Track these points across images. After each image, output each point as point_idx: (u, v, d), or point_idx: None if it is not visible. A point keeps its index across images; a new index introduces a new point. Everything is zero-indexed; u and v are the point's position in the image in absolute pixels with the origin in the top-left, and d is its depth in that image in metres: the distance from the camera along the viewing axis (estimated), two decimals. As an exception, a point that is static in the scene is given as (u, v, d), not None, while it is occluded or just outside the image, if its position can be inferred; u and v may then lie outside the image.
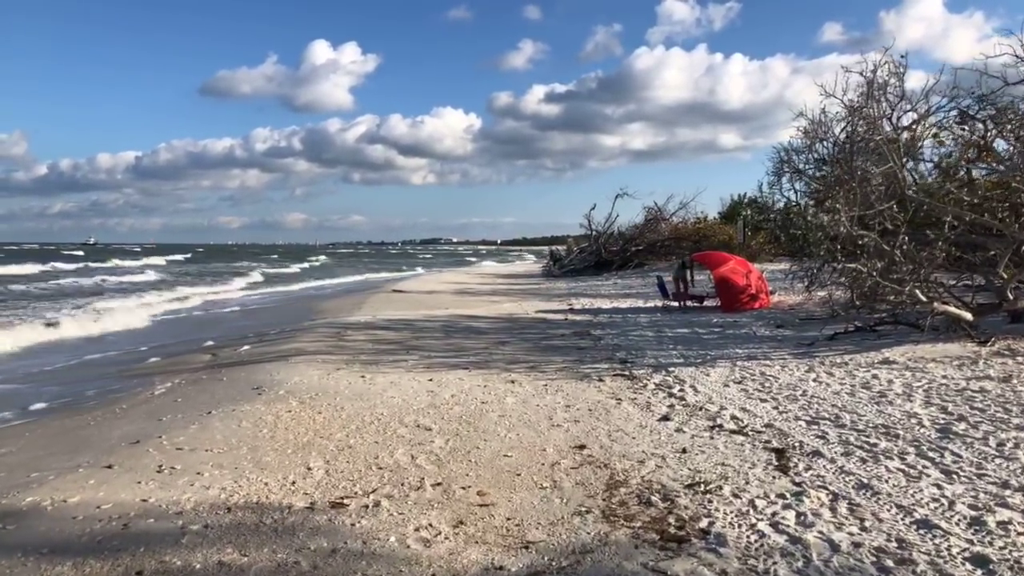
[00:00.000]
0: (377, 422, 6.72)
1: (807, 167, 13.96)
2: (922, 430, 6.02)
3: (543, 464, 5.48)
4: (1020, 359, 8.71)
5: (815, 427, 6.28)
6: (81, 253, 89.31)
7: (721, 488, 4.81)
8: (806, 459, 5.39)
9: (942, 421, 6.24)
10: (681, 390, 8.05)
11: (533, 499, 4.73)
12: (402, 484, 4.99)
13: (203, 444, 5.94)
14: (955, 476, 4.86)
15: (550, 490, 4.90)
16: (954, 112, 14.05)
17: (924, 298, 9.38)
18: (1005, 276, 9.89)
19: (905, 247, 9.19)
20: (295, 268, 59.59)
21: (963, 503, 4.39)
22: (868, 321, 11.37)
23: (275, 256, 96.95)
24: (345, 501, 4.62)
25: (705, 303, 17.64)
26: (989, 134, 13.71)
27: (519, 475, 5.22)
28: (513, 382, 8.67)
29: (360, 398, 7.73)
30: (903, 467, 5.09)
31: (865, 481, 4.83)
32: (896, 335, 10.82)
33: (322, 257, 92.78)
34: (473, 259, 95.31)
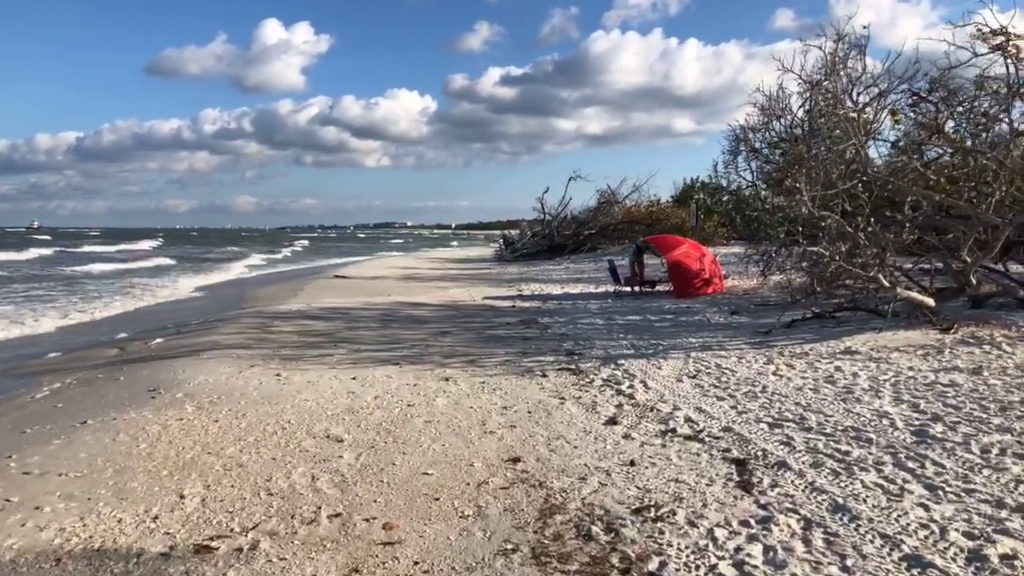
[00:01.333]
0: (281, 432, 5.80)
1: (763, 146, 13.36)
2: (896, 433, 5.37)
3: (468, 484, 4.65)
4: (986, 347, 8.20)
5: (779, 431, 5.59)
6: (48, 238, 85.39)
7: (675, 513, 4.05)
8: (771, 472, 4.67)
9: (916, 422, 5.60)
10: (631, 386, 7.31)
11: (451, 533, 3.91)
12: (292, 516, 4.11)
13: (60, 466, 4.95)
14: (942, 493, 4.19)
15: (473, 520, 4.08)
16: (907, 94, 13.66)
17: (887, 283, 8.81)
18: (968, 260, 9.39)
19: (870, 229, 8.60)
20: (286, 252, 58.56)
21: (957, 530, 3.71)
22: (827, 307, 10.82)
23: (250, 241, 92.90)
24: (213, 544, 3.72)
25: (658, 288, 17.04)
26: (941, 116, 13.34)
27: (438, 499, 4.39)
28: (447, 380, 7.82)
29: (268, 401, 6.80)
30: (881, 481, 4.40)
31: (840, 501, 4.12)
32: (856, 322, 10.28)
33: (304, 242, 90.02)
34: (428, 243, 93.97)
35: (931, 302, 9.50)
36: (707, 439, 5.45)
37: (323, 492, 4.49)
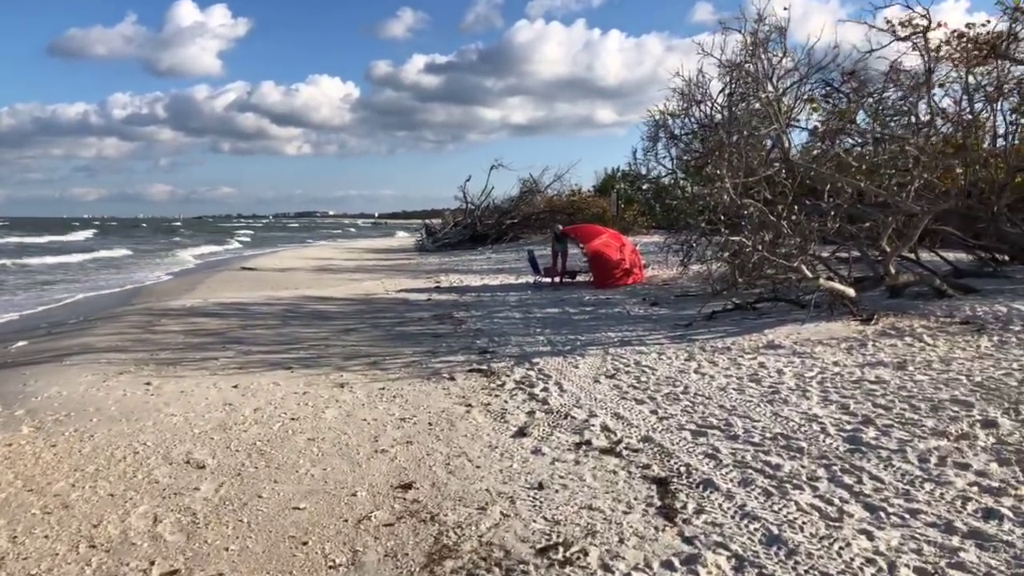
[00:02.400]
0: (131, 458, 4.91)
1: (683, 134, 13.01)
2: (828, 440, 4.92)
3: (347, 520, 3.91)
4: (908, 339, 7.97)
5: (703, 440, 5.06)
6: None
7: (586, 553, 3.43)
8: (696, 494, 4.11)
9: (848, 427, 5.17)
10: (545, 389, 6.69)
11: (314, 590, 3.17)
12: (114, 577, 3.28)
13: None
14: (884, 515, 3.71)
15: (345, 570, 3.35)
16: (821, 84, 13.62)
17: (811, 274, 8.49)
18: (888, 249, 9.18)
19: (793, 218, 8.25)
20: (235, 244, 54.85)
21: (907, 564, 3.22)
22: (748, 298, 10.51)
23: (190, 231, 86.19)
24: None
25: (578, 279, 16.56)
26: (852, 106, 13.32)
27: (306, 544, 3.63)
28: (343, 386, 7.02)
29: (127, 418, 5.85)
30: (818, 503, 3.89)
31: (775, 531, 3.58)
32: (777, 313, 10.00)
33: (248, 231, 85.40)
34: (353, 232, 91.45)
35: (852, 292, 9.27)
36: (625, 452, 4.87)
37: (163, 540, 3.67)
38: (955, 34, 12.75)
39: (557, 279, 16.37)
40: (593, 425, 5.49)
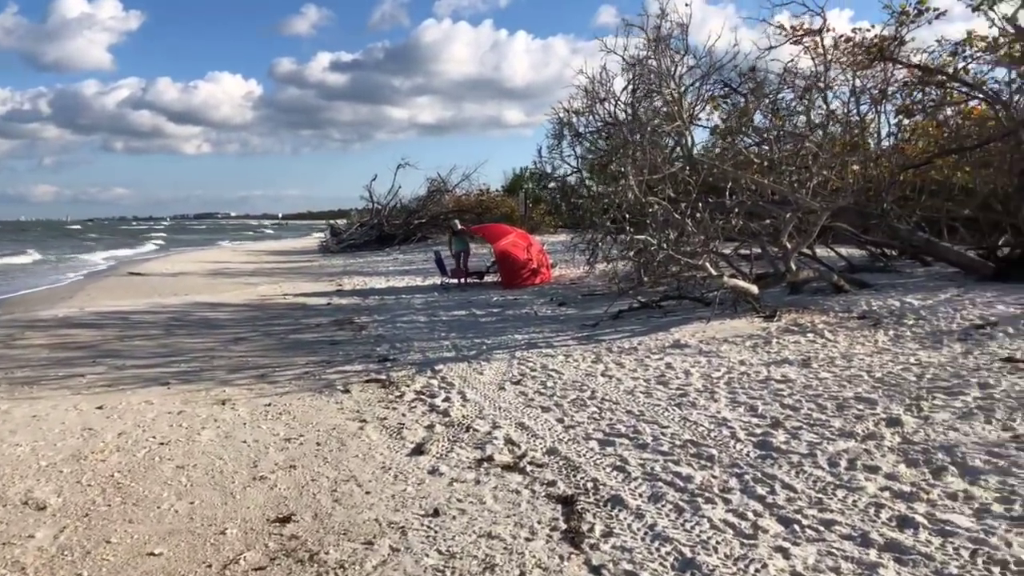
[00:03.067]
0: (-45, 501, 4.19)
1: (587, 131, 12.89)
2: (738, 446, 4.73)
3: (211, 566, 3.40)
4: (810, 335, 8.01)
5: (611, 450, 4.79)
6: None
7: (483, 592, 3.05)
8: (604, 513, 3.80)
9: (758, 430, 5.01)
10: (447, 399, 6.29)
11: (160, 661, 2.66)
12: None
13: None
14: (799, 528, 3.50)
15: (201, 630, 2.85)
16: (720, 85, 13.85)
17: (715, 272, 8.43)
18: (788, 246, 9.26)
19: (698, 215, 8.16)
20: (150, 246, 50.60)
21: (824, 585, 3.00)
22: (653, 297, 10.44)
23: (97, 234, 77.53)
24: None
25: (486, 279, 16.24)
26: (750, 106, 13.58)
27: (157, 599, 3.10)
28: (225, 403, 6.40)
29: (-40, 451, 5.07)
30: (731, 518, 3.66)
31: (688, 553, 3.31)
32: (682, 311, 9.95)
33: (162, 233, 79.56)
34: (266, 233, 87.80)
35: (755, 290, 9.30)
36: (529, 468, 4.53)
37: (-23, 606, 3.06)
38: (843, 38, 13.19)
39: (464, 280, 15.99)
40: (496, 438, 5.13)
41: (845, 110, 12.48)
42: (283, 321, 11.68)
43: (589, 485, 4.20)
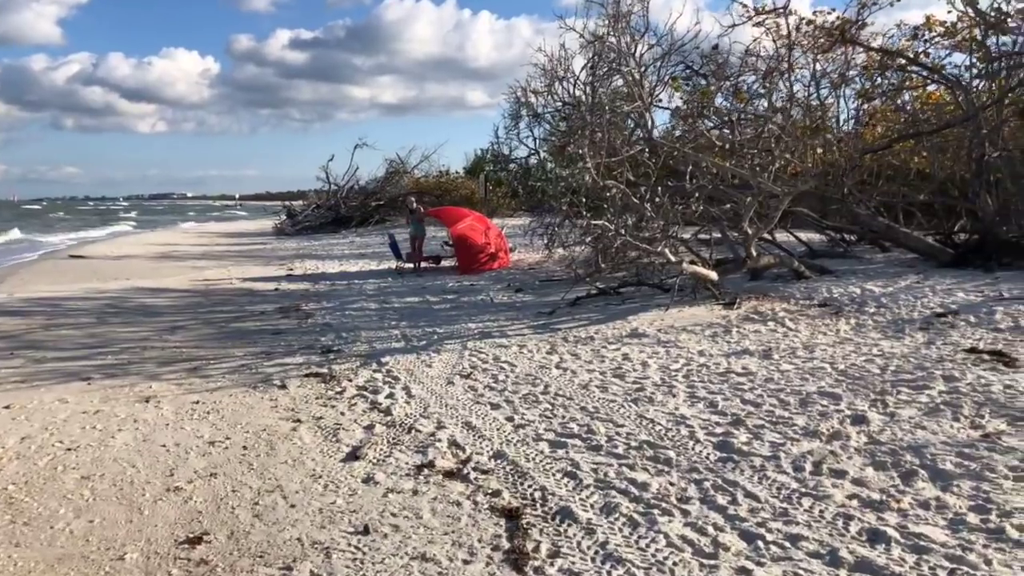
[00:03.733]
0: None
1: (546, 112, 12.48)
2: (698, 448, 4.43)
3: (99, 600, 2.96)
4: (771, 324, 7.79)
5: (562, 452, 4.45)
6: None
7: (411, 630, 2.68)
8: (552, 529, 3.46)
9: (718, 429, 4.72)
10: (390, 395, 5.89)
11: None
12: None
13: None
14: (763, 545, 3.20)
15: None
16: (682, 68, 13.59)
17: (674, 258, 8.14)
18: (749, 231, 9.01)
19: (657, 200, 7.84)
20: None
21: (791, 614, 2.69)
22: (611, 283, 10.14)
23: (62, 214, 73.06)
24: None
25: (443, 264, 15.80)
26: (712, 88, 13.33)
27: (30, 645, 2.66)
28: (149, 400, 5.91)
29: None
30: (690, 534, 3.34)
31: (642, 578, 2.98)
32: (641, 298, 9.67)
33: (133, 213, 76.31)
34: (212, 214, 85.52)
35: (715, 276, 9.05)
36: (473, 475, 4.17)
37: None
38: (805, 21, 12.99)
39: (419, 264, 15.54)
40: (440, 440, 4.75)
41: (806, 94, 12.30)
42: (226, 308, 11.11)
43: (537, 495, 3.85)
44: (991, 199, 10.82)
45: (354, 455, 4.54)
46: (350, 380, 6.42)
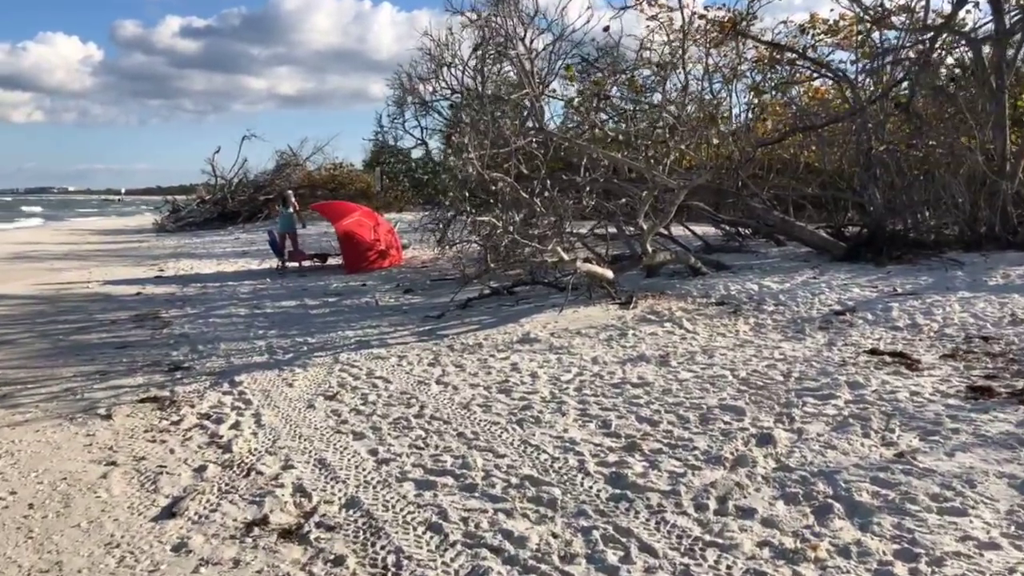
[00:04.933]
0: None
1: (434, 98, 11.70)
2: (587, 483, 3.81)
3: None
4: (668, 325, 7.34)
5: (430, 495, 3.72)
6: None
7: None
8: (401, 612, 2.73)
9: (611, 458, 4.12)
10: (236, 425, 5.01)
11: None
12: None
13: None
14: (660, 622, 2.59)
15: None
16: (577, 60, 13.16)
17: (567, 256, 7.56)
18: (645, 227, 8.55)
19: (548, 194, 7.23)
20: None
21: None
22: (505, 282, 9.51)
23: None
24: None
25: (329, 262, 14.77)
26: (607, 81, 12.97)
27: None
28: (-74, 441, 4.78)
29: None
30: (572, 610, 2.69)
31: None
32: (536, 298, 9.08)
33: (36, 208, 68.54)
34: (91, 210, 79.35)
35: (611, 274, 8.55)
36: (315, 533, 3.38)
37: None
38: (696, 15, 12.78)
39: (302, 263, 14.46)
40: (283, 485, 3.93)
41: (700, 87, 12.08)
42: (72, 317, 9.78)
43: (390, 560, 3.11)
44: (878, 192, 10.86)
45: (171, 511, 3.66)
46: (192, 406, 5.47)
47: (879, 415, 4.56)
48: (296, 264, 14.46)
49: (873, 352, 5.99)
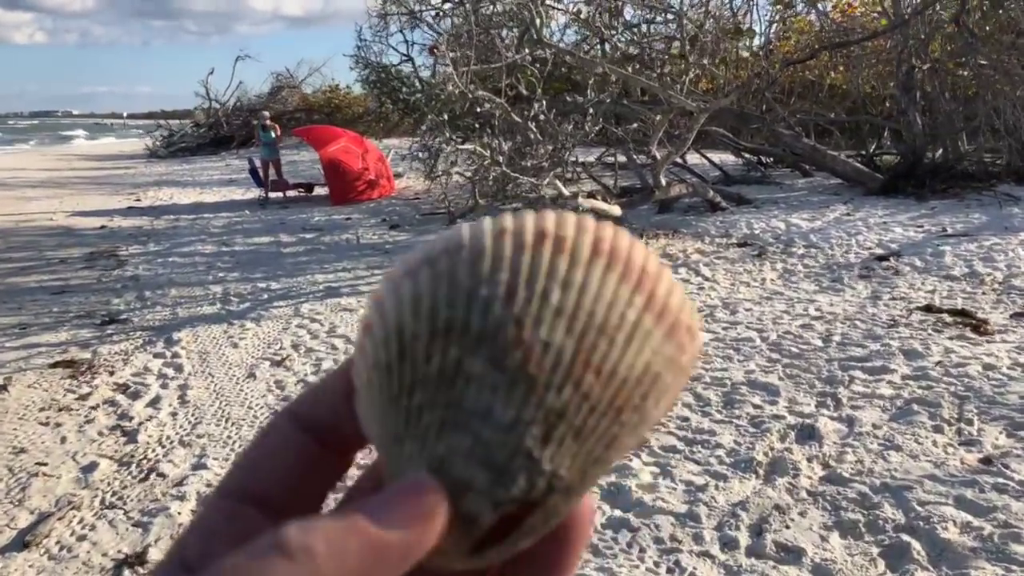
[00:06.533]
0: None
1: (423, 9, 10.40)
2: (577, 500, 2.89)
3: None
4: (683, 272, 6.38)
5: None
6: None
7: None
8: None
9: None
10: (155, 400, 4.12)
11: None
12: None
13: None
14: None
15: None
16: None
17: (567, 191, 6.51)
18: (658, 156, 7.45)
19: (543, 118, 6.13)
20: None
21: None
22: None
23: None
24: None
25: (316, 192, 13.71)
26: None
27: None
28: None
29: None
30: None
31: None
32: (533, 237, 8.07)
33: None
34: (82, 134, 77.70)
35: (618, 211, 7.50)
36: None
37: None
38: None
39: (286, 193, 13.43)
40: (184, 497, 3.05)
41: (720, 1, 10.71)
42: (19, 255, 8.86)
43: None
44: (919, 117, 9.64)
45: (25, 539, 2.78)
46: (111, 373, 4.58)
47: (949, 398, 3.63)
48: (280, 194, 13.42)
49: (928, 309, 5.01)
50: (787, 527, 2.66)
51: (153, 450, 3.50)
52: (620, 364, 0.26)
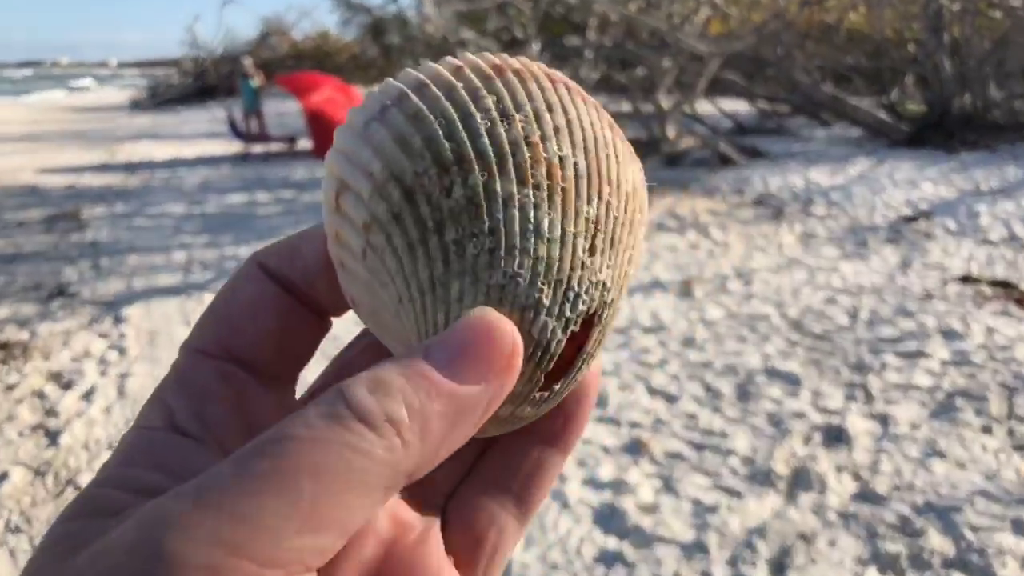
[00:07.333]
0: None
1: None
2: (563, 527, 2.41)
3: None
4: (692, 235, 5.82)
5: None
6: None
7: None
8: None
9: (603, 474, 2.71)
10: (90, 391, 3.61)
11: None
12: None
13: None
14: None
15: None
16: None
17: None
18: (666, 105, 6.81)
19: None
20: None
21: None
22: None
23: None
24: None
25: (300, 146, 13.03)
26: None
27: None
28: None
29: None
30: None
31: None
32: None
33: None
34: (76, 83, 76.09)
35: (619, 166, 6.89)
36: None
37: None
38: None
39: (271, 147, 12.76)
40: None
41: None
42: (-22, 216, 8.28)
43: None
44: (948, 63, 8.92)
45: None
46: (46, 358, 4.06)
47: (996, 389, 3.12)
48: (262, 148, 12.74)
49: (966, 280, 4.47)
50: (813, 561, 2.17)
51: (76, 456, 3.00)
52: (622, 177, 0.26)
